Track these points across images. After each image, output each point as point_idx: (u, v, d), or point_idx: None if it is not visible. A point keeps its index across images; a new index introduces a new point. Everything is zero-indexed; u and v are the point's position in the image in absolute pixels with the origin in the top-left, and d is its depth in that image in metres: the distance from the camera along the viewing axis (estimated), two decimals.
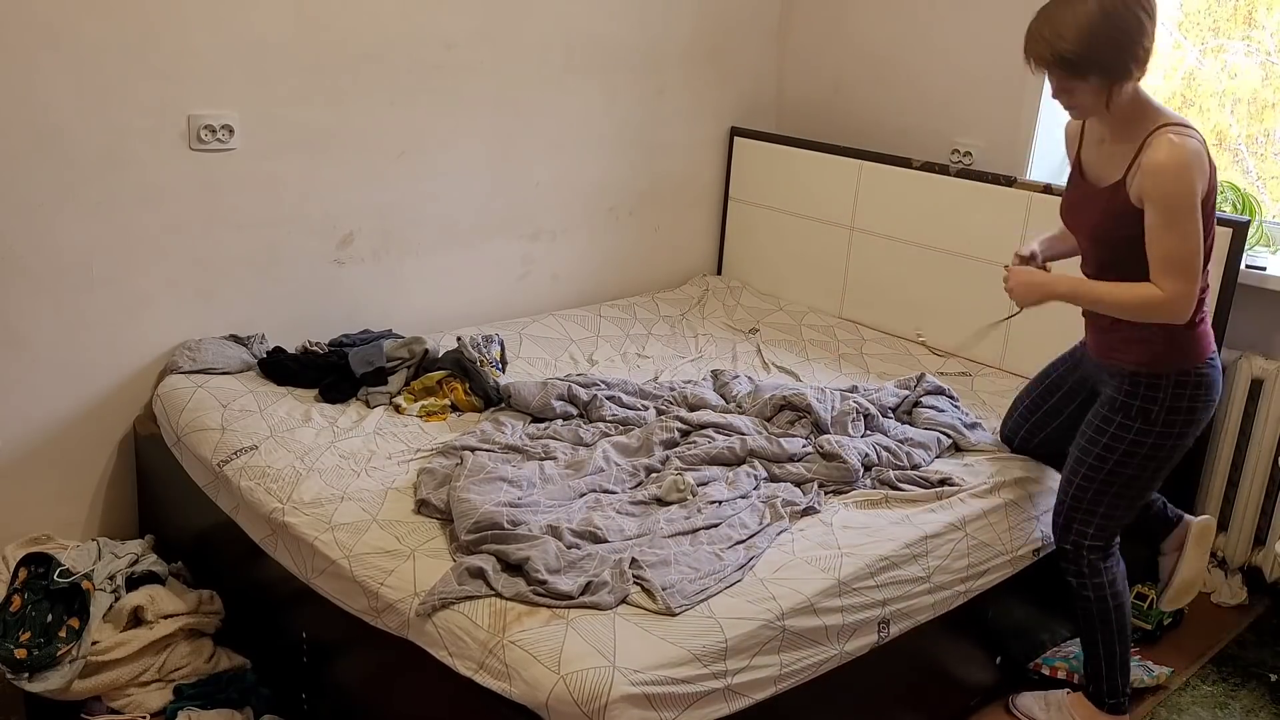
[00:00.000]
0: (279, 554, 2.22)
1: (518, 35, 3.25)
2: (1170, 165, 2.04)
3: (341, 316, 3.10)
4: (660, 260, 3.91)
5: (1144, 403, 2.25)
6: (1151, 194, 2.07)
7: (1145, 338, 2.22)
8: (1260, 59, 3.25)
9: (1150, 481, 2.34)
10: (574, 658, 1.74)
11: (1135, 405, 2.25)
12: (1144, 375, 2.24)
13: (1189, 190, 2.04)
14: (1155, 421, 2.25)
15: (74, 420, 2.71)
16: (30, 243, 2.53)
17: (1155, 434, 2.25)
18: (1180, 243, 2.07)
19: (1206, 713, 2.64)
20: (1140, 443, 2.26)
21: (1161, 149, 2.05)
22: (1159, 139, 2.07)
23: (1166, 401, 2.23)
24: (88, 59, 2.51)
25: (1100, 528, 2.35)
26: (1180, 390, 2.23)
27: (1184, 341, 2.22)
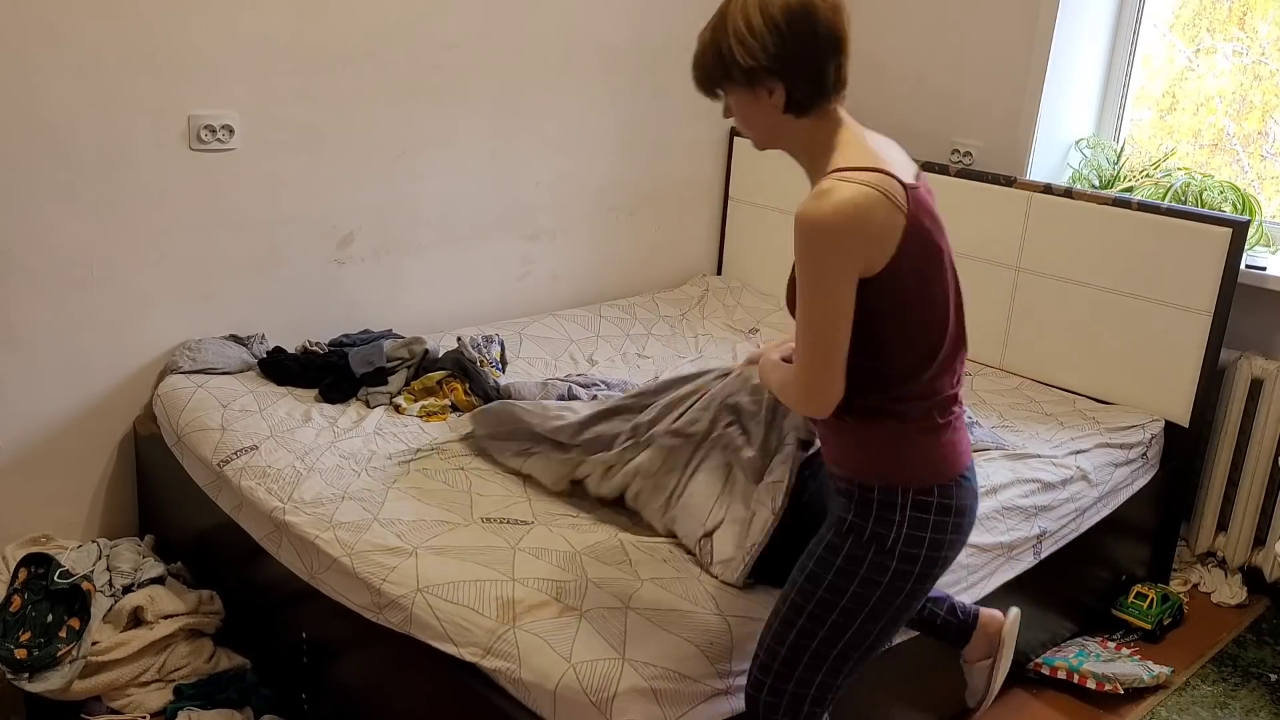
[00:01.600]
0: (280, 553, 2.22)
1: (518, 35, 3.25)
2: (802, 216, 1.54)
3: (341, 316, 3.10)
4: (660, 260, 3.91)
5: (877, 526, 1.69)
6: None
7: (871, 443, 1.70)
8: (1251, 60, 3.26)
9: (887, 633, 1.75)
10: (584, 648, 1.75)
11: (868, 529, 1.69)
12: (876, 490, 1.69)
13: (809, 253, 1.54)
14: (892, 552, 1.69)
15: (74, 420, 2.71)
16: (30, 243, 2.53)
17: (894, 570, 1.69)
18: (805, 316, 1.59)
19: (1206, 713, 2.64)
20: (873, 580, 1.69)
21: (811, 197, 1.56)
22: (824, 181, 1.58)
23: (904, 526, 1.68)
24: (88, 59, 2.51)
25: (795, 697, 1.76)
26: (920, 514, 1.69)
27: (931, 450, 1.69)
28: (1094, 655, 2.71)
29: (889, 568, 1.68)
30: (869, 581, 1.69)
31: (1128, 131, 3.49)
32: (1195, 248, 2.84)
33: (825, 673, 1.74)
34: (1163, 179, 3.24)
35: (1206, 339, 2.86)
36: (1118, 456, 2.76)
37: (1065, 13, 3.24)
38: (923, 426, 1.68)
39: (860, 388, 1.64)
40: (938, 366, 1.67)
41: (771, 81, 1.61)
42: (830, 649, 1.73)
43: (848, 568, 1.70)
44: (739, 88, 1.65)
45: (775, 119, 1.66)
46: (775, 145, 1.71)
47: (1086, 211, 3.02)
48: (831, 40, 1.60)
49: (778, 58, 1.59)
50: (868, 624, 1.71)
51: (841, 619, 1.71)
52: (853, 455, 1.73)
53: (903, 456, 1.68)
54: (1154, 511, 3.02)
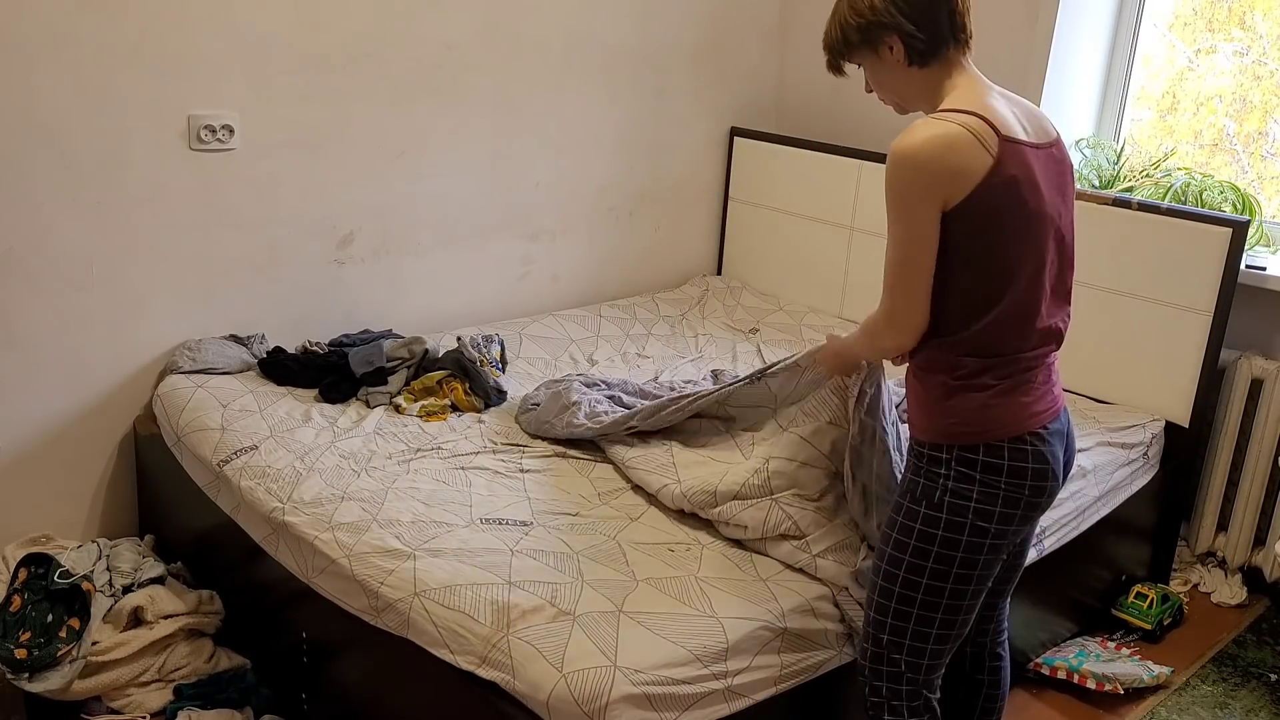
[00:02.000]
0: (279, 553, 2.22)
1: (518, 35, 3.25)
2: (892, 150, 1.64)
3: (341, 316, 3.10)
4: (660, 260, 3.91)
5: (927, 480, 1.76)
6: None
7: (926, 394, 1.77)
8: (1251, 60, 3.26)
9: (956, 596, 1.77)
10: (576, 656, 1.74)
11: (920, 483, 1.77)
12: (926, 445, 1.77)
13: (893, 183, 1.64)
14: (940, 506, 1.73)
15: (74, 420, 2.71)
16: (30, 243, 2.53)
17: (944, 522, 1.73)
18: (889, 243, 1.68)
19: (1206, 713, 2.64)
20: (929, 534, 1.74)
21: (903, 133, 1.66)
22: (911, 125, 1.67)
23: (949, 482, 1.73)
24: (87, 59, 2.51)
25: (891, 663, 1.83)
26: (966, 470, 1.72)
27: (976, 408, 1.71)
28: (1094, 655, 2.71)
29: (940, 520, 1.73)
30: (925, 536, 1.75)
31: (1128, 131, 3.48)
32: (1195, 248, 2.84)
33: (911, 637, 1.80)
34: (1163, 179, 3.23)
35: (1206, 339, 2.86)
36: (1118, 456, 2.76)
37: (1065, 13, 3.24)
38: (973, 384, 1.70)
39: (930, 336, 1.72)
40: (996, 320, 1.68)
41: (889, 36, 1.72)
42: (908, 611, 1.78)
43: (907, 523, 1.77)
44: (864, 53, 1.77)
45: (902, 74, 1.76)
46: (912, 104, 1.81)
47: (1086, 211, 3.01)
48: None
49: (888, 11, 1.71)
50: (935, 583, 1.75)
51: (911, 576, 1.76)
52: (914, 411, 1.80)
53: (948, 412, 1.72)
54: (1154, 511, 3.02)
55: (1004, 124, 1.66)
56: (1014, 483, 1.72)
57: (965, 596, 1.78)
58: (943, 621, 1.79)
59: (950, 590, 1.76)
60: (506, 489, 2.31)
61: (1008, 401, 1.72)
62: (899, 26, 1.71)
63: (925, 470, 1.76)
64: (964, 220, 1.63)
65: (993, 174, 1.61)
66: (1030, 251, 1.69)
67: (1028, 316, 1.72)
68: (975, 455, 1.71)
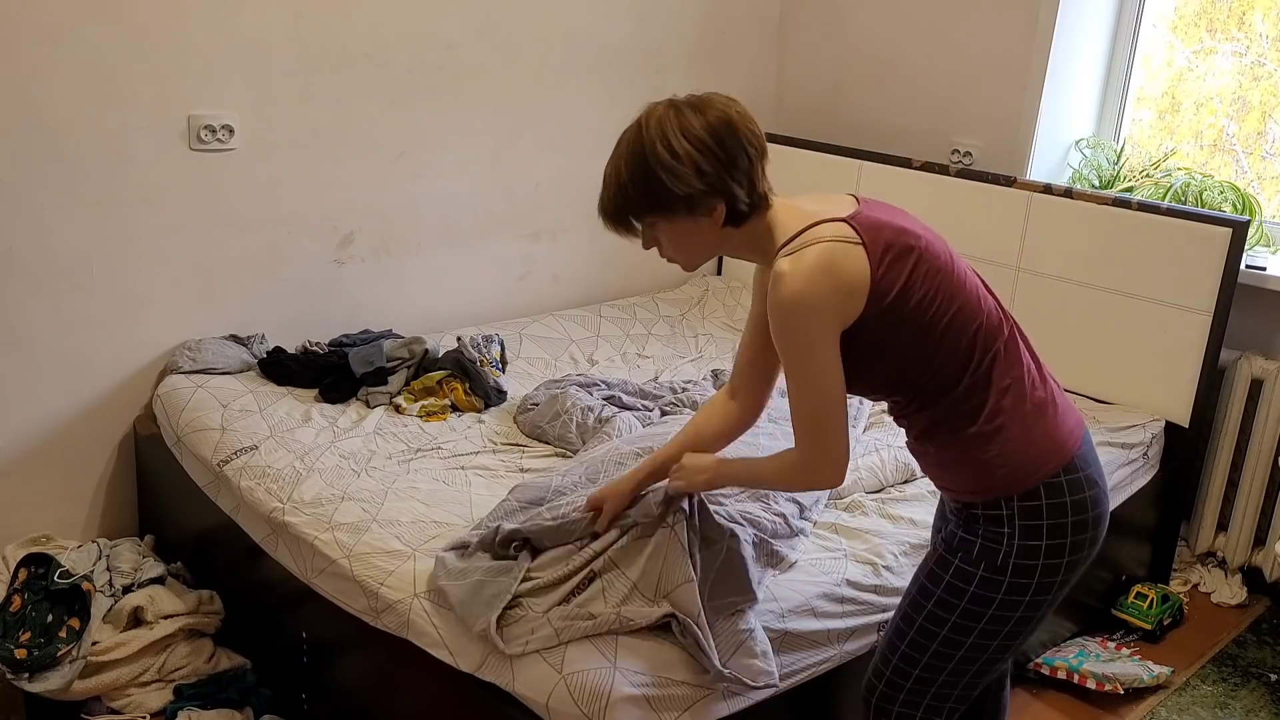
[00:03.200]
0: (279, 554, 2.22)
1: (518, 35, 3.25)
2: (776, 303, 1.56)
3: (341, 316, 3.10)
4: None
5: (987, 540, 1.65)
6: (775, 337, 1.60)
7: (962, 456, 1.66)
8: (1251, 60, 3.26)
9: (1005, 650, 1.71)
10: (576, 658, 1.74)
11: (976, 544, 1.66)
12: (979, 506, 1.66)
13: (792, 332, 1.56)
14: (1006, 567, 1.63)
15: (74, 420, 2.71)
16: (30, 243, 2.53)
17: (1007, 585, 1.64)
18: (799, 395, 1.59)
19: (1206, 713, 2.64)
20: (986, 597, 1.65)
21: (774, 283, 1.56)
22: (776, 264, 1.57)
23: (1017, 540, 1.63)
24: (88, 59, 2.51)
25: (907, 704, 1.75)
26: (1031, 521, 1.62)
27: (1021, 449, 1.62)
28: (1094, 655, 2.71)
29: (1001, 583, 1.63)
30: (980, 599, 1.65)
31: (1128, 131, 3.48)
32: (1195, 248, 2.84)
33: (939, 686, 1.72)
34: (1163, 179, 3.23)
35: (1206, 339, 2.86)
36: (1118, 456, 2.76)
37: (1065, 13, 3.24)
38: (998, 430, 1.62)
39: (921, 410, 1.65)
40: (982, 354, 1.62)
41: (713, 201, 1.59)
42: (942, 665, 1.70)
43: (957, 583, 1.66)
44: (676, 217, 1.62)
45: (716, 236, 1.64)
46: (711, 258, 1.73)
47: (1086, 211, 3.01)
48: (756, 144, 1.62)
49: (716, 177, 1.58)
50: (980, 641, 1.67)
51: (952, 635, 1.67)
52: (946, 476, 1.71)
53: (997, 464, 1.62)
54: (1154, 511, 3.02)
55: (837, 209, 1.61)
56: (1079, 518, 1.63)
57: (1011, 648, 1.71)
58: (977, 673, 1.72)
59: (995, 647, 1.68)
60: (506, 489, 2.31)
61: (1044, 428, 1.64)
62: (726, 193, 1.59)
63: (983, 531, 1.64)
64: (885, 311, 1.56)
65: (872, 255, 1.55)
66: (952, 280, 1.62)
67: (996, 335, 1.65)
68: (1038, 500, 1.62)
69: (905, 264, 1.57)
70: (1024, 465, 1.62)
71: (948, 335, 1.60)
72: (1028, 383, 1.65)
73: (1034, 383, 1.67)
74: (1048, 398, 1.67)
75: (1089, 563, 1.69)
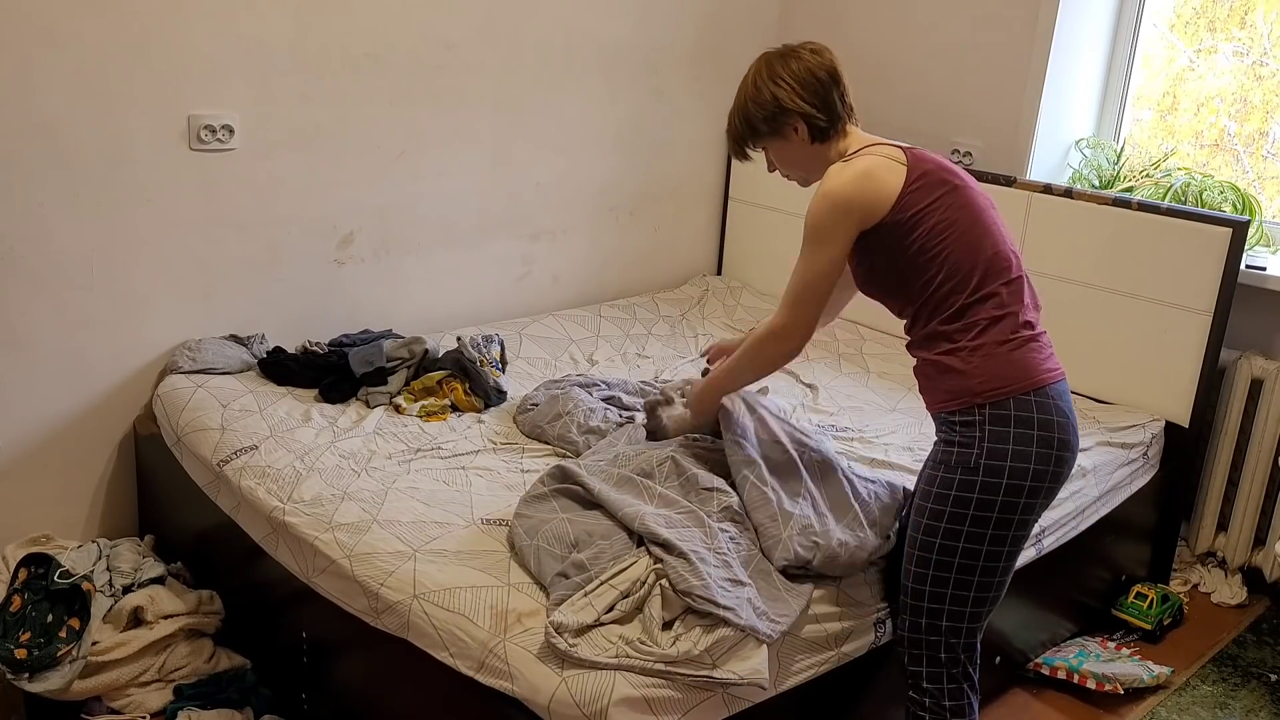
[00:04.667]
0: (279, 553, 2.22)
1: (518, 35, 3.25)
2: (818, 192, 1.94)
3: (341, 316, 3.10)
4: (660, 260, 3.91)
5: (961, 448, 1.86)
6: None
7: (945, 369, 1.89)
8: (1252, 60, 3.26)
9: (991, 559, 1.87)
10: (576, 659, 1.74)
11: (954, 452, 1.86)
12: (956, 414, 1.88)
13: (816, 214, 1.91)
14: (976, 467, 1.83)
15: (74, 420, 2.71)
16: (30, 243, 2.53)
17: (980, 483, 1.83)
18: (799, 268, 1.94)
19: (1206, 713, 2.64)
20: (964, 498, 1.84)
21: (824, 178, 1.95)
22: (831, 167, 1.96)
23: (986, 442, 1.83)
24: (88, 59, 2.51)
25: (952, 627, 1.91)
26: (999, 426, 1.83)
27: (1001, 365, 1.85)
28: (1094, 655, 2.71)
29: (975, 484, 1.83)
30: (961, 500, 1.84)
31: (1128, 131, 3.48)
32: (1195, 248, 2.84)
33: (951, 602, 1.89)
34: (1163, 179, 3.23)
35: (1206, 339, 2.86)
36: (1118, 456, 2.76)
37: (1065, 13, 3.24)
38: (978, 346, 1.85)
39: (919, 319, 1.92)
40: (984, 281, 1.86)
41: (792, 120, 1.98)
42: (945, 578, 1.88)
43: (942, 493, 1.86)
44: (773, 140, 2.03)
45: (809, 151, 2.02)
46: (815, 176, 2.02)
47: (1086, 211, 3.02)
48: (827, 75, 1.99)
49: (790, 101, 1.98)
50: (972, 546, 1.85)
51: (947, 542, 1.86)
52: (932, 390, 1.93)
53: (972, 373, 1.85)
54: (1154, 511, 3.02)
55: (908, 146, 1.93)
56: (1045, 435, 1.83)
57: (1000, 559, 1.87)
58: (979, 585, 1.88)
59: (986, 553, 1.86)
60: (506, 489, 2.31)
61: (1022, 356, 1.86)
62: (803, 111, 1.97)
63: (959, 438, 1.85)
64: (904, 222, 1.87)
65: (910, 174, 1.88)
66: (976, 216, 1.89)
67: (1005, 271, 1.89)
68: (1007, 410, 1.83)
69: (933, 193, 1.87)
70: (997, 378, 1.84)
71: (950, 261, 1.86)
72: (1018, 321, 1.88)
73: (1024, 324, 1.89)
74: (1033, 339, 1.89)
75: (1052, 495, 1.88)
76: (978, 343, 1.85)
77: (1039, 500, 1.86)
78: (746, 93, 2.03)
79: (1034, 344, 1.89)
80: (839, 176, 1.90)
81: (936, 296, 1.88)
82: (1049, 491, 1.87)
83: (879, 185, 1.87)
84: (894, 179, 1.87)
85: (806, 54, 2.00)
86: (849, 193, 1.87)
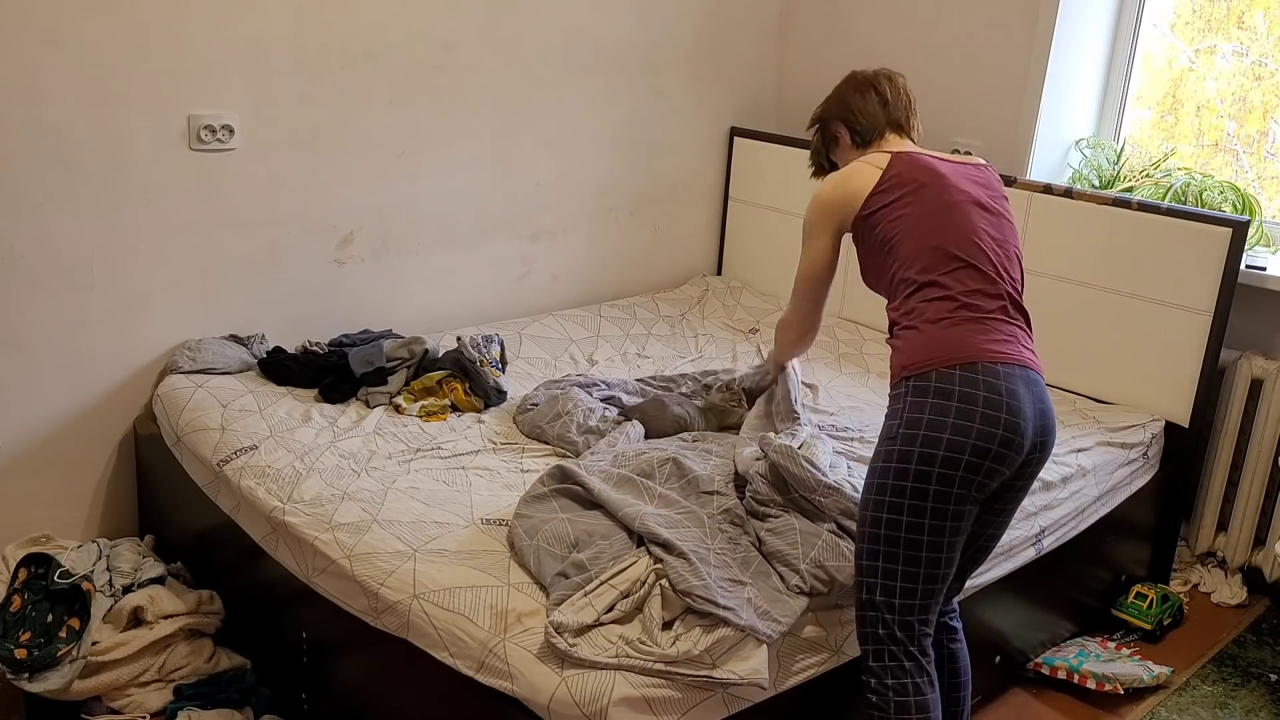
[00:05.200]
0: (279, 553, 2.22)
1: (518, 35, 3.25)
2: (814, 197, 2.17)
3: (341, 316, 3.10)
4: (660, 260, 3.91)
5: (889, 418, 1.90)
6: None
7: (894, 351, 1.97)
8: (1251, 60, 3.25)
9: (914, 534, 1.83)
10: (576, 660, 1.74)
11: (885, 424, 1.91)
12: (891, 389, 1.95)
13: (806, 214, 2.16)
14: (895, 436, 1.85)
15: (74, 420, 2.71)
16: (30, 243, 2.53)
17: (897, 453, 1.83)
18: (800, 266, 2.21)
19: (1206, 713, 2.64)
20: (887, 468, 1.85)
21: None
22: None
23: (905, 413, 1.86)
24: (88, 59, 2.51)
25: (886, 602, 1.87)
26: (919, 398, 1.84)
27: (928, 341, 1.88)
28: (1094, 655, 2.71)
29: (895, 452, 1.84)
30: (881, 471, 1.86)
31: (1128, 131, 3.48)
32: (1195, 248, 2.84)
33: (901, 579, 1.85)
34: (1163, 179, 3.23)
35: (1206, 339, 2.86)
36: (1118, 456, 2.76)
37: (1065, 13, 3.24)
38: (912, 326, 1.93)
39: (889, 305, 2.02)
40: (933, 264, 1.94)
41: (836, 128, 2.28)
42: (892, 553, 1.85)
43: (873, 465, 1.90)
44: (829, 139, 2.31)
45: (854, 154, 2.23)
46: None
47: (1086, 211, 3.02)
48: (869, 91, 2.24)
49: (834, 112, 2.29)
50: (894, 519, 1.83)
51: (884, 515, 1.84)
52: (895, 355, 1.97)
53: (901, 350, 1.93)
54: (1154, 511, 3.02)
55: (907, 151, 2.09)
56: (965, 408, 1.80)
57: (923, 532, 1.82)
58: (906, 559, 1.84)
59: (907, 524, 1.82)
60: (506, 489, 2.31)
61: (959, 334, 1.88)
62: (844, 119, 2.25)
63: (889, 409, 1.92)
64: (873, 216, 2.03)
65: (883, 177, 2.04)
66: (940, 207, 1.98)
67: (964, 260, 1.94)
68: (928, 382, 1.85)
69: (896, 192, 2.01)
70: (922, 352, 1.88)
71: (898, 251, 1.98)
72: (958, 304, 1.91)
73: (965, 305, 1.91)
74: (974, 320, 1.90)
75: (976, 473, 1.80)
76: (912, 323, 1.93)
77: (958, 474, 1.79)
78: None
79: (974, 324, 1.89)
80: (826, 182, 2.15)
81: (893, 284, 2.01)
82: (970, 467, 1.79)
83: (853, 186, 2.08)
84: (866, 181, 2.06)
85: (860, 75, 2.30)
86: (827, 194, 2.12)
